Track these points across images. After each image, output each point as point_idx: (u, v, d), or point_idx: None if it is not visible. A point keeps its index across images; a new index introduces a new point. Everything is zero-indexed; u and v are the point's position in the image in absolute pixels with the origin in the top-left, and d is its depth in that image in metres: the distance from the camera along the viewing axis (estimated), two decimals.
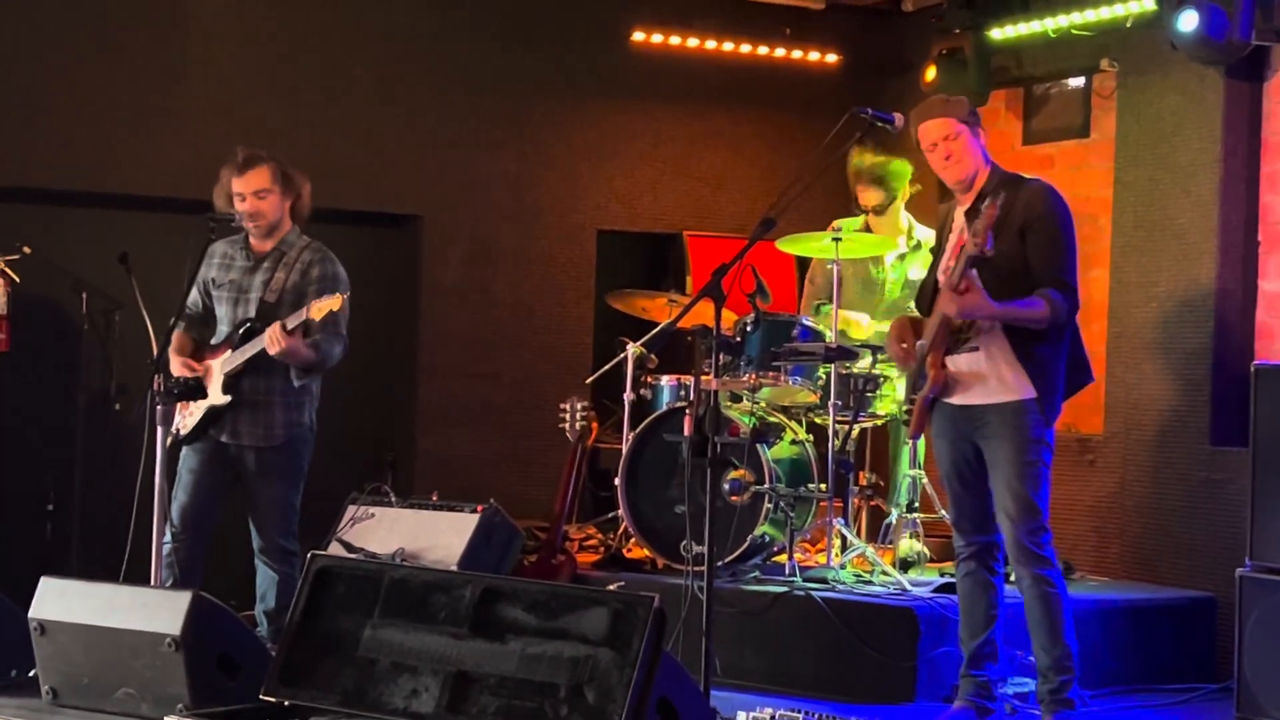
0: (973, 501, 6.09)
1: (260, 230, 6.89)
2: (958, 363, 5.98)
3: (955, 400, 6.03)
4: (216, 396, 6.80)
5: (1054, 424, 6.00)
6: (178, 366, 6.86)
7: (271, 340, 6.61)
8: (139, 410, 6.54)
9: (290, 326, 6.61)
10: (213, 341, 6.98)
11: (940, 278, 6.11)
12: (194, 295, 7.04)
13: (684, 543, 6.57)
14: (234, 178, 6.84)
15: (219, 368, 6.84)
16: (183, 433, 6.86)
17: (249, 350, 6.75)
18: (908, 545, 7.49)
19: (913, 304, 7.68)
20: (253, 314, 6.83)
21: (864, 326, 7.79)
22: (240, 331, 6.82)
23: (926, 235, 8.07)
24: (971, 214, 5.98)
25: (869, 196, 7.95)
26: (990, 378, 5.94)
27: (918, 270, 7.92)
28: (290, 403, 6.87)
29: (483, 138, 9.05)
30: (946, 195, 9.11)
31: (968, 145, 5.99)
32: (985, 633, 6.10)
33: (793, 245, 7.81)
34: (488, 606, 5.20)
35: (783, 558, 7.28)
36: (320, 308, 6.58)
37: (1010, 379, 5.92)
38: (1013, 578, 6.09)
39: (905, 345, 6.14)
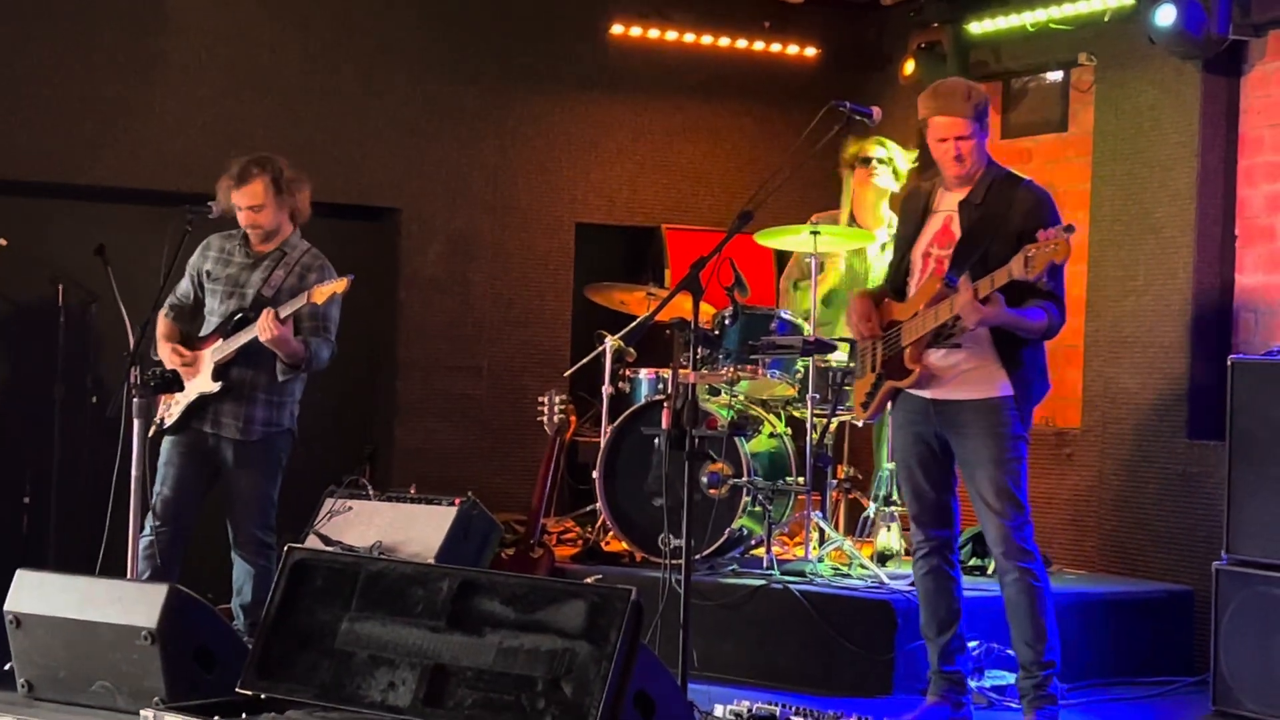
0: (934, 496, 6.06)
1: (259, 237, 6.96)
2: (934, 356, 5.95)
3: (927, 394, 5.99)
4: (206, 384, 6.83)
5: (1029, 423, 5.98)
6: (168, 353, 6.87)
7: (264, 327, 6.63)
8: (116, 403, 6.53)
9: (284, 315, 6.65)
10: (201, 333, 6.99)
11: (919, 260, 6.05)
12: (185, 286, 7.07)
13: (662, 536, 6.56)
14: (231, 190, 6.90)
15: (208, 357, 6.86)
16: (166, 423, 6.87)
17: (241, 339, 6.78)
18: (885, 539, 7.50)
19: None
20: (247, 306, 6.85)
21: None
22: (233, 321, 6.84)
23: None
24: (967, 206, 5.92)
25: (881, 177, 7.93)
26: (970, 375, 5.91)
27: None
28: (272, 401, 6.89)
29: (462, 131, 9.04)
30: None
31: (978, 145, 5.93)
32: (953, 628, 6.08)
33: (771, 238, 7.81)
34: (465, 600, 5.20)
35: (761, 551, 7.29)
36: (324, 290, 6.64)
37: (990, 377, 5.89)
38: (990, 570, 6.07)
39: (871, 323, 6.07)
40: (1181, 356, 7.81)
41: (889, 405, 6.14)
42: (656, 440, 7.31)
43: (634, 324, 7.90)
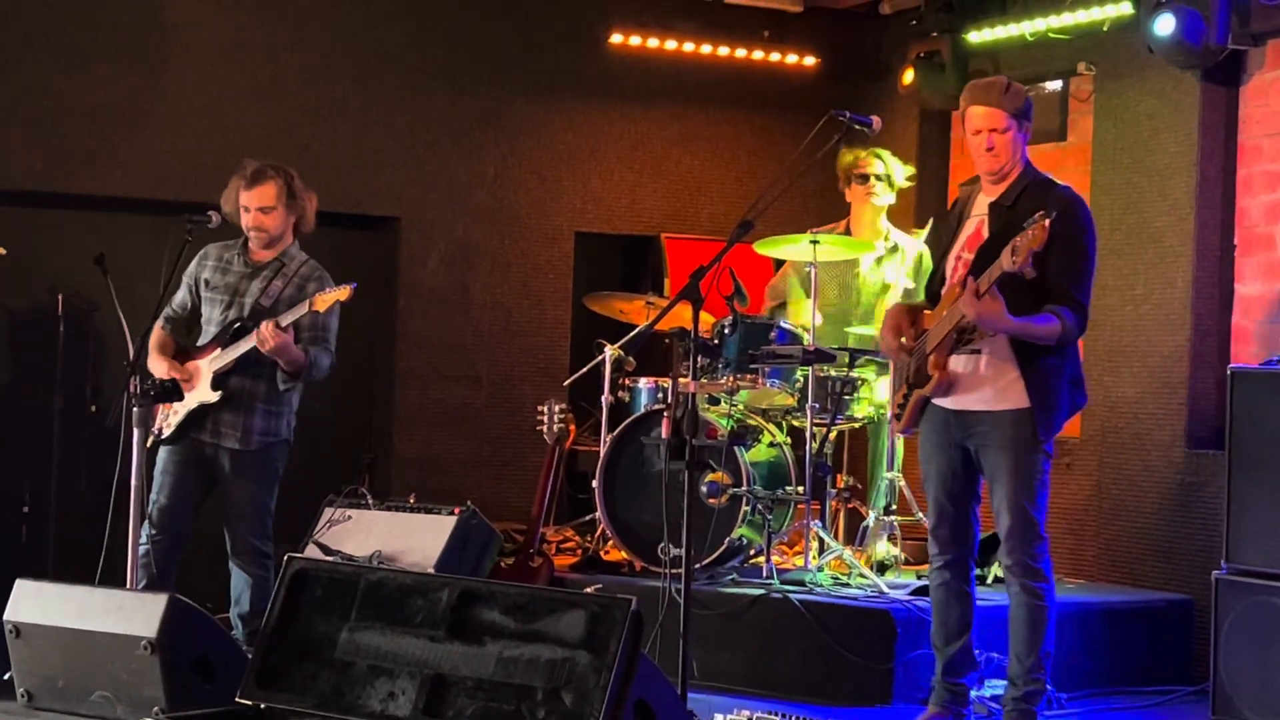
0: (954, 510, 5.98)
1: (261, 242, 6.95)
2: (956, 363, 5.87)
3: (949, 404, 5.91)
4: (205, 394, 6.83)
5: (1053, 436, 5.88)
6: (161, 368, 6.87)
7: (264, 337, 6.63)
8: (115, 412, 6.53)
9: (284, 324, 6.65)
10: (199, 342, 6.99)
11: (951, 265, 5.99)
12: (182, 295, 7.07)
13: (661, 545, 6.56)
14: (241, 190, 6.90)
15: (207, 367, 6.87)
16: (165, 432, 6.87)
17: (239, 348, 6.78)
18: (885, 548, 7.50)
19: (884, 309, 7.74)
20: (245, 316, 6.85)
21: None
22: (231, 331, 6.84)
23: (901, 239, 8.10)
24: (997, 209, 5.88)
25: (880, 196, 7.94)
26: (988, 384, 5.83)
27: (893, 273, 7.94)
28: (270, 410, 6.89)
29: (461, 140, 9.05)
30: (923, 202, 9.17)
31: (1011, 140, 5.87)
32: (961, 640, 6.03)
33: (771, 247, 7.82)
34: (465, 609, 5.19)
35: (760, 560, 7.28)
36: (326, 299, 6.65)
37: (1009, 387, 5.80)
38: (989, 580, 6.06)
39: (903, 336, 6.01)
40: (1181, 366, 7.81)
41: (920, 416, 6.03)
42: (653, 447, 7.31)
43: (634, 333, 7.93)
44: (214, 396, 6.82)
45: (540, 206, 9.25)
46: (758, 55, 9.56)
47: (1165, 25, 7.47)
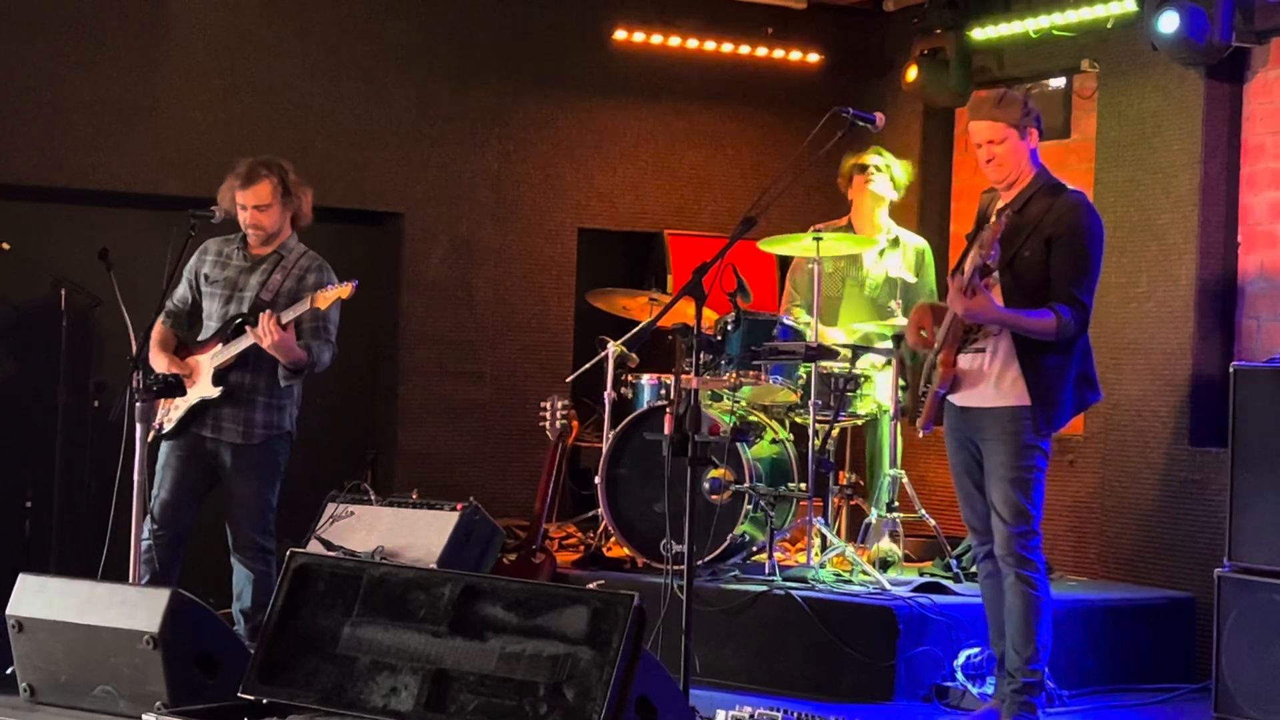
0: (982, 501, 6.08)
1: (260, 239, 6.96)
2: (963, 361, 5.98)
3: (957, 400, 6.04)
4: (206, 389, 6.83)
5: (1051, 434, 5.97)
6: (162, 363, 6.88)
7: (264, 332, 6.63)
8: (118, 407, 6.54)
9: (285, 320, 6.65)
10: (200, 338, 7.00)
11: (966, 268, 6.04)
12: (182, 290, 7.07)
13: (664, 541, 6.57)
14: (237, 189, 6.91)
15: (208, 362, 6.87)
16: (166, 428, 6.88)
17: (241, 344, 6.78)
18: (886, 545, 7.49)
19: (893, 302, 7.76)
20: (246, 310, 6.85)
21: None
22: (233, 326, 6.84)
23: (902, 234, 8.09)
24: (1006, 211, 5.96)
25: (877, 182, 7.94)
26: (989, 381, 5.95)
27: (897, 267, 7.94)
28: (272, 404, 6.89)
29: (465, 136, 9.04)
30: (927, 199, 9.18)
31: (1012, 150, 5.96)
32: None
33: (774, 245, 7.82)
34: (467, 605, 5.20)
35: (762, 557, 7.28)
36: (327, 296, 6.65)
37: (1008, 385, 5.92)
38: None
39: (924, 333, 6.09)
40: (1184, 363, 7.81)
41: (940, 414, 6.11)
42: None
43: (636, 329, 7.92)
44: (215, 392, 6.82)
45: (543, 203, 9.25)
46: (761, 52, 9.55)
47: (1169, 22, 7.47)
